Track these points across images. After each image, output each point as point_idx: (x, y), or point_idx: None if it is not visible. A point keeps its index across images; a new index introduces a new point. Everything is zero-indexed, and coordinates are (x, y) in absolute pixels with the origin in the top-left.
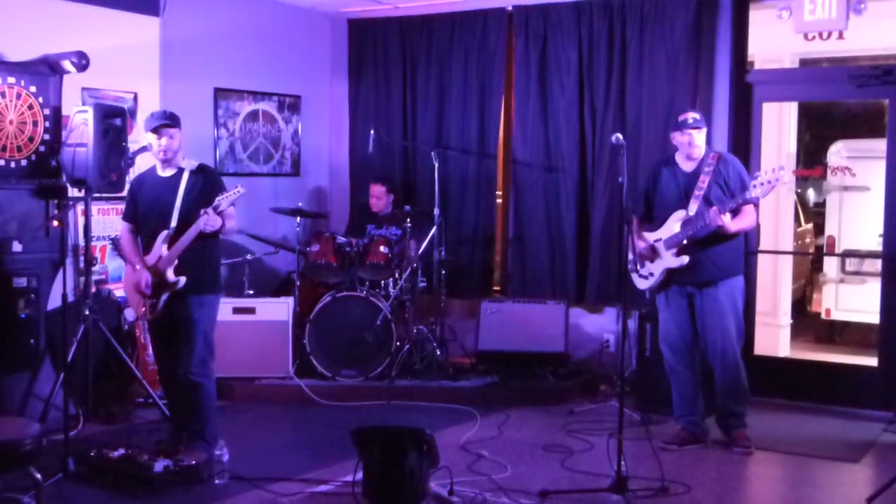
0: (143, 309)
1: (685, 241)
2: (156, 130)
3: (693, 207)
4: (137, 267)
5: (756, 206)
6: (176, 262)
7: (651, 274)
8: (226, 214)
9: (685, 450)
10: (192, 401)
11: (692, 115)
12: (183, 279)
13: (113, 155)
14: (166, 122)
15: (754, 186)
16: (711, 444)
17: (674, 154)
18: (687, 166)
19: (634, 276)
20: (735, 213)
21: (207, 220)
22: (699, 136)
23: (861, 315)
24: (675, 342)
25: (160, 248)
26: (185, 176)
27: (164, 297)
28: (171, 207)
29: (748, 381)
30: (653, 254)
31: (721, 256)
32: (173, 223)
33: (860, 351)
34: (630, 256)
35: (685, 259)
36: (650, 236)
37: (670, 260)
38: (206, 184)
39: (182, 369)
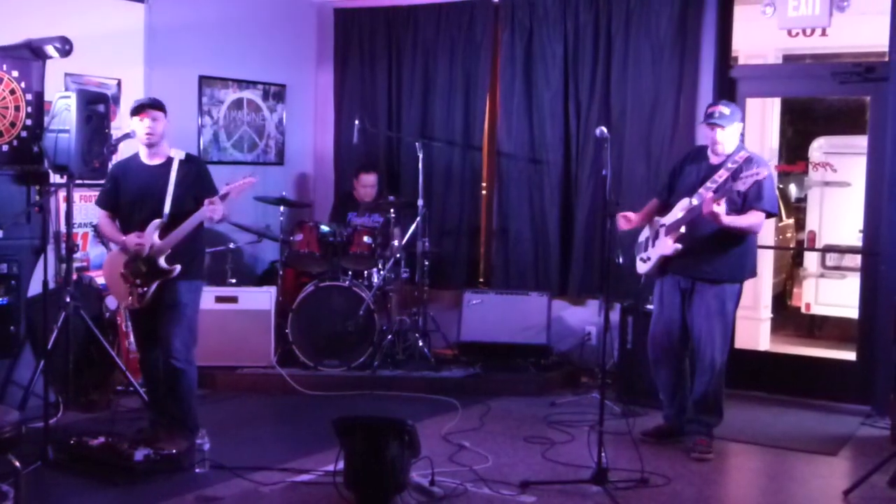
0: (130, 298)
1: (682, 230)
2: (139, 111)
3: (699, 196)
4: (126, 239)
5: (767, 213)
6: (168, 251)
7: (649, 258)
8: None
9: (666, 442)
10: (173, 387)
11: (720, 110)
12: (178, 267)
13: (96, 141)
14: (149, 102)
15: (739, 178)
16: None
17: (707, 145)
18: (714, 159)
19: (637, 260)
20: (744, 212)
21: (214, 210)
22: (722, 134)
23: (840, 309)
24: (660, 337)
25: (151, 237)
26: (176, 165)
27: (154, 285)
28: (161, 196)
29: (727, 378)
30: (655, 238)
31: (720, 259)
32: (167, 212)
33: (839, 345)
34: (644, 236)
35: (678, 247)
36: (660, 220)
37: (665, 245)
38: (198, 174)
39: (165, 354)
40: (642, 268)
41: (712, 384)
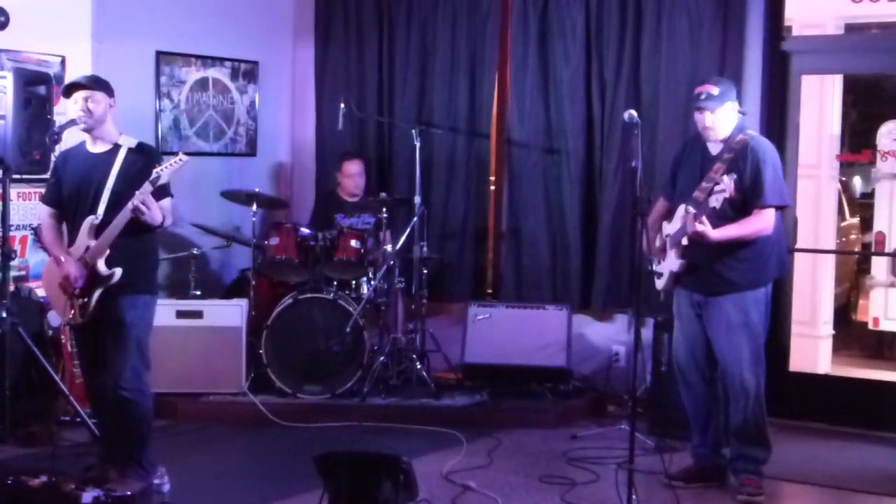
0: (73, 312)
1: (685, 242)
2: (70, 91)
3: (693, 203)
4: (62, 259)
5: (777, 207)
6: (107, 252)
7: (661, 274)
8: (162, 206)
9: (701, 485)
10: (124, 420)
11: (707, 90)
12: (119, 271)
13: (36, 129)
14: (79, 81)
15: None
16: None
17: None
18: (712, 148)
19: (654, 274)
20: (746, 212)
21: (141, 202)
22: (712, 118)
23: None
24: (683, 358)
25: (86, 238)
26: (122, 154)
27: (97, 294)
28: (100, 189)
29: (767, 409)
30: (664, 251)
31: (731, 265)
32: (101, 208)
33: None
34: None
35: (683, 263)
36: (665, 230)
37: (671, 261)
38: (147, 165)
39: (112, 383)
40: (657, 284)
41: (750, 411)
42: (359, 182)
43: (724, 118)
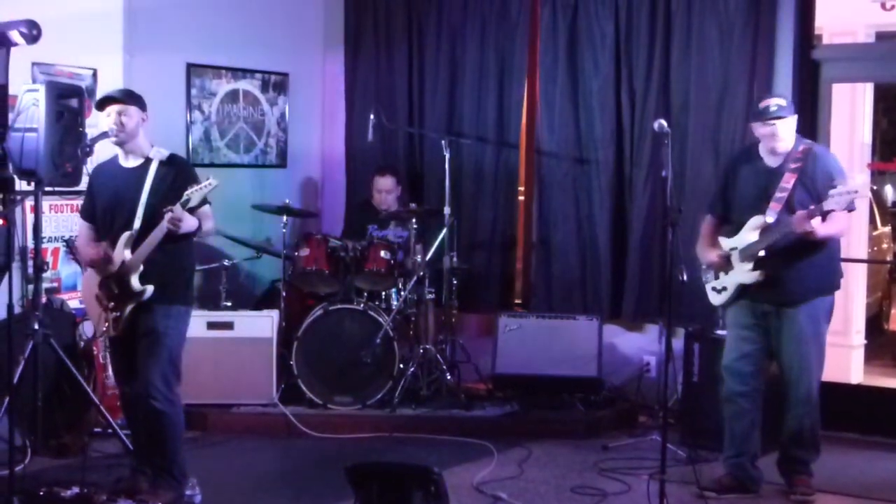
0: (107, 324)
1: (762, 253)
2: (103, 105)
3: (773, 213)
4: (85, 251)
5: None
6: (141, 267)
7: (724, 288)
8: (201, 213)
9: (730, 498)
10: (154, 431)
11: (775, 102)
12: (150, 288)
13: (68, 142)
14: (112, 95)
15: (831, 196)
16: (766, 489)
17: (757, 144)
18: (771, 161)
19: (708, 289)
20: (823, 216)
21: (173, 218)
22: (784, 127)
23: None
24: (736, 366)
25: (122, 252)
26: (154, 167)
27: (129, 309)
28: (134, 204)
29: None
30: (727, 264)
31: (806, 273)
32: (137, 223)
33: None
34: (703, 265)
35: (762, 274)
36: (725, 243)
37: (744, 274)
38: (178, 177)
39: (143, 393)
40: (717, 299)
41: (810, 416)
42: (387, 198)
43: (792, 128)
